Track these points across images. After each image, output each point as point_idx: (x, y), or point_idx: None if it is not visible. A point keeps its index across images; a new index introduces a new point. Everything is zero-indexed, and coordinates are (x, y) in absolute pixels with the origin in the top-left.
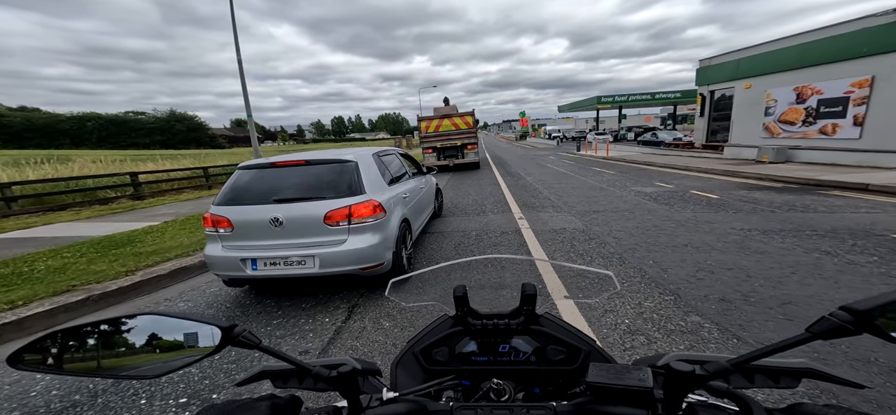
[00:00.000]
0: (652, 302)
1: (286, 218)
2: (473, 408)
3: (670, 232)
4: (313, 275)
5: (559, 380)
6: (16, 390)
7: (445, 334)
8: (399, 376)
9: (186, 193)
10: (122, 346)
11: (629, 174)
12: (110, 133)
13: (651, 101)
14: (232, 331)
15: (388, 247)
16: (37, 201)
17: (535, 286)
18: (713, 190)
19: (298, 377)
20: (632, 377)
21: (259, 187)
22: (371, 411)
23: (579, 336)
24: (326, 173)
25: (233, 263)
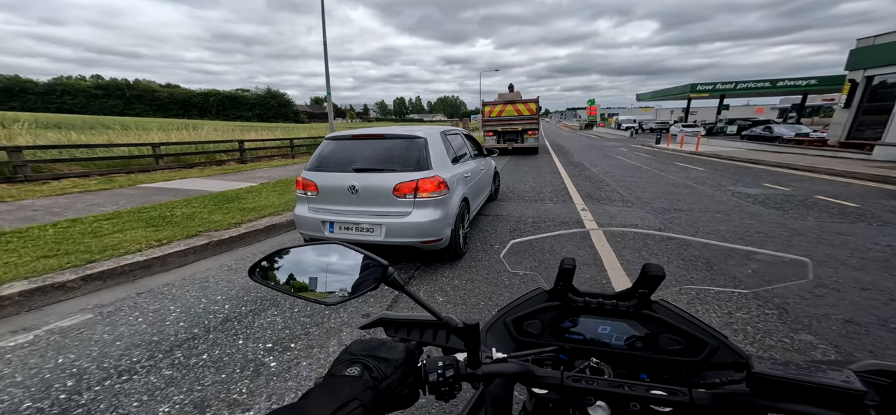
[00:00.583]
0: (746, 313)
1: (361, 186)
2: (581, 379)
3: (781, 240)
4: (379, 243)
5: (681, 370)
6: (157, 317)
7: (540, 307)
8: (489, 342)
9: (276, 160)
10: (314, 269)
11: (725, 172)
12: (225, 107)
13: (769, 90)
14: (387, 270)
15: (448, 223)
16: (175, 159)
17: (662, 268)
18: (851, 197)
19: (409, 327)
20: (830, 377)
21: (341, 157)
22: (487, 366)
23: (705, 328)
24: (398, 148)
25: (315, 224)
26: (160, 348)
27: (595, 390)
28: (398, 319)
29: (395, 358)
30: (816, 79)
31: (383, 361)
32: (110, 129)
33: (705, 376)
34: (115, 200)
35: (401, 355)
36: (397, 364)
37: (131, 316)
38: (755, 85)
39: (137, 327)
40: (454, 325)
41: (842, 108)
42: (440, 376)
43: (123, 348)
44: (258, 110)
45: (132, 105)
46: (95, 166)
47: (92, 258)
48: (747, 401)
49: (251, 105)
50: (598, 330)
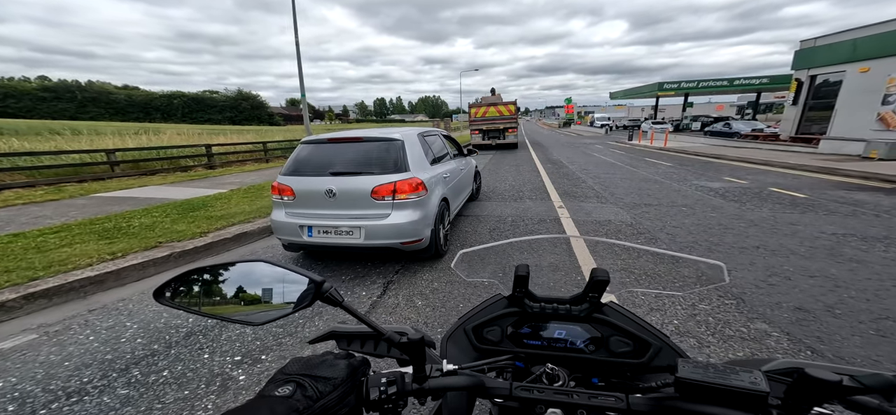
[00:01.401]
0: (708, 304)
1: (339, 190)
2: (531, 389)
3: (739, 232)
4: (359, 246)
5: (627, 373)
6: (111, 334)
7: (499, 314)
8: (449, 351)
9: (249, 164)
10: (235, 290)
11: (691, 167)
12: (192, 109)
13: (727, 88)
14: (322, 286)
15: (428, 224)
16: (134, 166)
17: (607, 272)
18: (800, 188)
19: (362, 340)
20: (739, 378)
21: (317, 160)
22: (433, 379)
23: (649, 330)
24: (375, 150)
25: (293, 228)
26: (115, 367)
27: (543, 399)
28: (350, 331)
29: (335, 376)
30: (768, 78)
31: (322, 379)
32: (59, 134)
33: (647, 379)
34: (65, 212)
35: (342, 372)
36: (337, 382)
37: (82, 335)
38: (715, 83)
39: (88, 345)
40: (396, 340)
41: (790, 105)
42: (382, 393)
43: (72, 369)
44: (229, 113)
45: (85, 108)
46: (41, 175)
47: (35, 275)
48: (676, 405)
49: (221, 107)
50: (555, 334)
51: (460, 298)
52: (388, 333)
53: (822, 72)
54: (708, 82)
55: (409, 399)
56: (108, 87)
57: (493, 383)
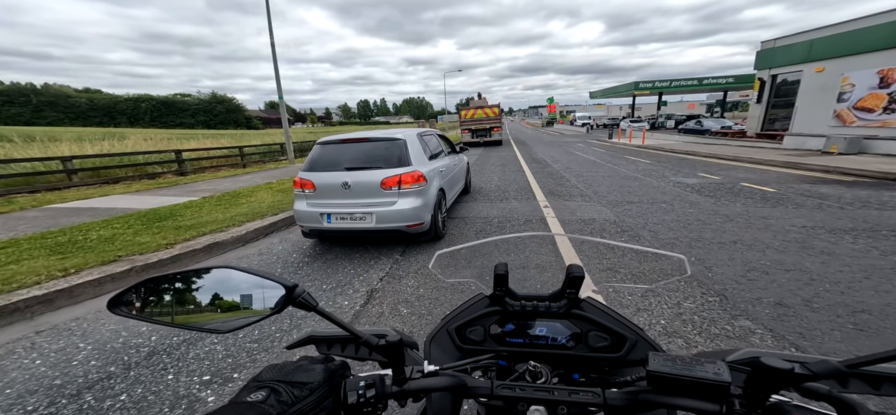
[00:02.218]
0: (693, 302)
1: (353, 182)
2: (513, 387)
3: (716, 227)
4: (371, 230)
5: (605, 367)
6: (60, 357)
7: (481, 314)
8: (433, 352)
9: (224, 170)
10: (198, 298)
11: (668, 164)
12: (161, 113)
13: (697, 87)
14: (294, 291)
15: (428, 210)
16: (95, 174)
17: (582, 268)
18: (769, 183)
19: (342, 344)
20: (705, 370)
21: (333, 158)
22: (414, 381)
23: (625, 324)
24: (382, 148)
25: (314, 216)
26: (64, 393)
27: (524, 397)
28: (329, 336)
29: (311, 380)
30: (733, 77)
31: (297, 385)
32: (8, 141)
33: (624, 373)
34: (14, 226)
35: (318, 376)
36: (314, 386)
37: (27, 358)
38: (686, 83)
39: (34, 370)
40: (374, 343)
41: (755, 103)
42: (361, 397)
43: (15, 397)
44: (202, 117)
45: (41, 113)
46: None
47: None
48: (649, 398)
49: (193, 111)
50: (537, 332)
51: (452, 288)
52: (365, 336)
53: (781, 71)
54: (680, 82)
55: (391, 403)
56: (66, 90)
57: (475, 382)
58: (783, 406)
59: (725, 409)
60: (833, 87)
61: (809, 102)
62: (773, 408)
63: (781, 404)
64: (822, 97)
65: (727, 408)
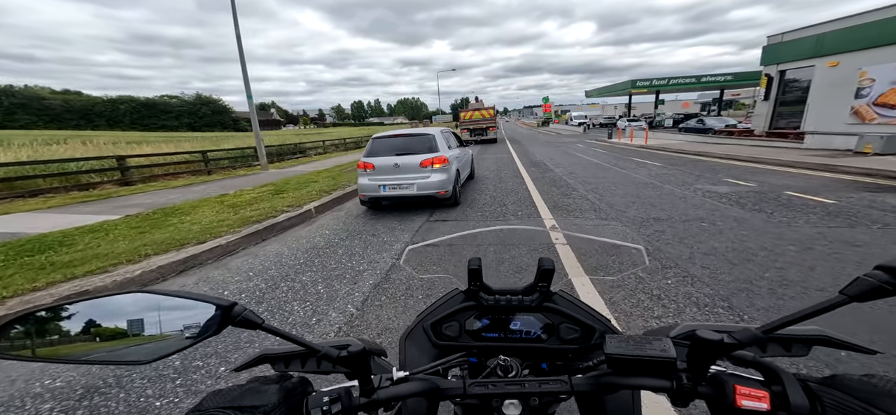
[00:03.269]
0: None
1: (400, 163)
2: (485, 384)
3: (800, 263)
4: (413, 195)
5: (569, 356)
6: None
7: (456, 310)
8: (408, 351)
9: (183, 178)
10: (107, 329)
11: (682, 167)
12: (142, 115)
13: (695, 85)
14: (232, 310)
15: (451, 182)
16: (7, 186)
17: (552, 261)
18: (817, 191)
19: (302, 359)
20: (653, 348)
21: (386, 146)
22: (383, 390)
23: (594, 315)
24: (418, 140)
25: (374, 187)
26: None
27: (497, 393)
28: (285, 352)
29: (264, 403)
30: (732, 75)
31: (247, 409)
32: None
33: (588, 358)
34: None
35: (273, 398)
36: (268, 409)
37: None
38: (684, 81)
39: None
40: (333, 355)
41: (762, 101)
42: (325, 413)
43: None
44: (187, 119)
45: (13, 116)
46: None
47: None
48: (610, 380)
49: (177, 113)
50: (511, 326)
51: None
52: (324, 349)
53: (790, 67)
54: (677, 79)
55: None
56: (41, 91)
57: (448, 383)
58: (720, 375)
59: (675, 384)
60: (848, 83)
61: (822, 99)
62: (712, 378)
63: (719, 374)
64: (837, 93)
65: (676, 382)
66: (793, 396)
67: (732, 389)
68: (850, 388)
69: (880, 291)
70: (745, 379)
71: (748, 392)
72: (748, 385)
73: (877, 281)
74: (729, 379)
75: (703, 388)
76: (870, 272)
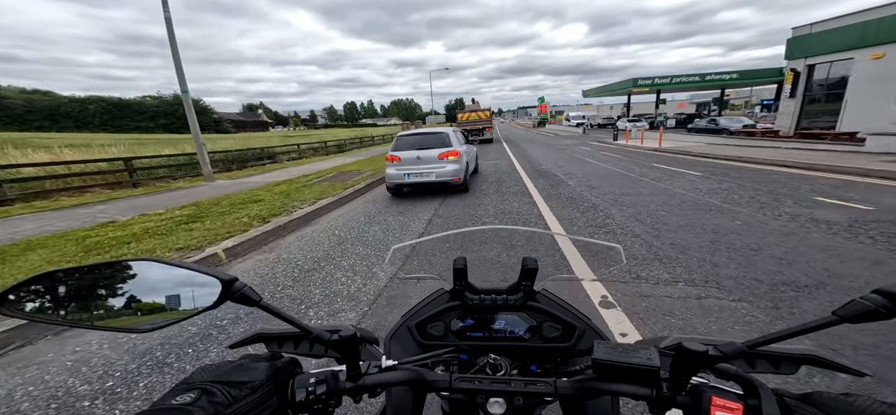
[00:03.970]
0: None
1: (421, 156)
2: (471, 380)
3: None
4: (432, 182)
5: (557, 357)
6: None
7: (441, 309)
8: (393, 349)
9: (93, 192)
10: (114, 295)
11: (734, 178)
12: (113, 116)
13: (698, 83)
14: (232, 285)
15: (462, 171)
16: None
17: (536, 260)
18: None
19: (295, 341)
20: (639, 356)
21: (409, 143)
22: (369, 376)
23: (575, 314)
24: (436, 137)
25: (400, 176)
26: None
27: (482, 389)
28: (279, 332)
29: (252, 379)
30: (737, 73)
31: (235, 385)
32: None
33: (574, 363)
34: None
35: (262, 374)
36: (256, 385)
37: None
38: (687, 79)
39: None
40: (325, 338)
41: (787, 98)
42: (310, 394)
43: None
44: (164, 119)
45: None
46: None
47: None
48: (595, 385)
49: (153, 114)
50: (496, 325)
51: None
52: (316, 331)
53: (821, 60)
54: (680, 78)
55: (350, 402)
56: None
57: (434, 376)
58: (699, 386)
59: (655, 392)
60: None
61: (862, 94)
62: (693, 389)
63: (699, 385)
64: (881, 88)
65: (657, 391)
66: (767, 409)
67: (708, 399)
68: (827, 406)
69: (875, 314)
70: (722, 391)
71: (723, 404)
72: (724, 397)
73: (873, 305)
74: (707, 390)
75: (682, 398)
76: (867, 295)
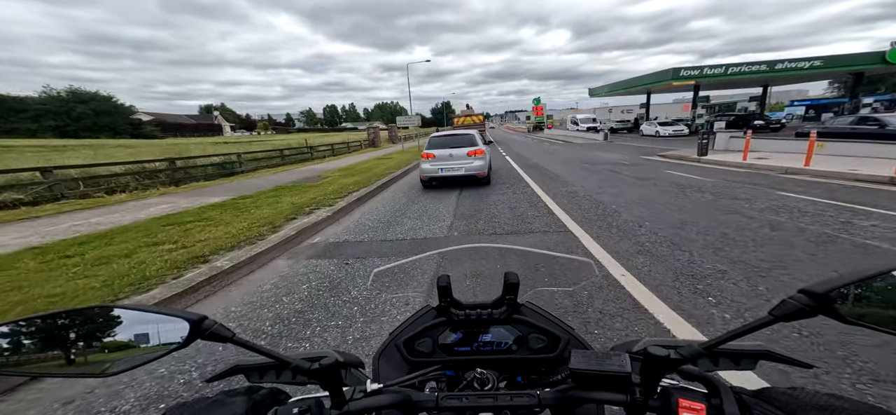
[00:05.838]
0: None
1: (452, 153)
2: (458, 397)
3: None
4: (462, 175)
5: (541, 368)
6: None
7: (428, 326)
8: (381, 369)
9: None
10: (74, 341)
11: None
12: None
13: (767, 73)
14: (201, 324)
15: (486, 167)
16: None
17: (516, 275)
18: None
19: (277, 371)
20: (612, 363)
21: (441, 142)
22: (355, 402)
23: (559, 324)
24: (464, 137)
25: (434, 171)
26: None
27: (470, 406)
28: (258, 363)
29: (231, 414)
30: (821, 59)
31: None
32: None
33: (558, 372)
34: None
35: (240, 409)
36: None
37: None
38: (750, 69)
39: None
40: (304, 367)
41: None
42: None
43: None
44: (53, 121)
45: None
46: None
47: None
48: (575, 394)
49: (37, 114)
50: (482, 339)
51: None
52: (295, 361)
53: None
54: (740, 67)
55: None
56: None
57: (421, 396)
58: (668, 389)
59: (629, 397)
60: None
61: None
62: (663, 391)
63: (667, 388)
64: None
65: (631, 397)
66: (728, 407)
67: (676, 402)
68: (777, 401)
69: (801, 312)
70: (689, 392)
71: (688, 405)
72: (690, 398)
73: (799, 303)
74: (674, 392)
75: (654, 401)
76: (794, 295)
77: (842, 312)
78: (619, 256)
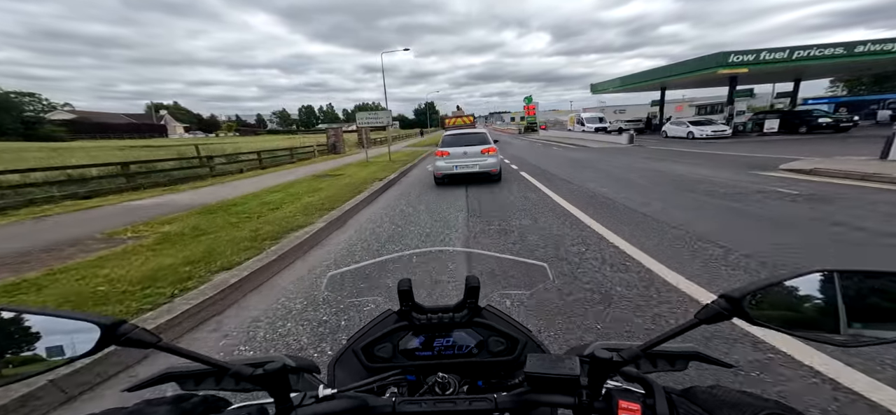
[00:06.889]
0: None
1: (466, 151)
2: (417, 402)
3: None
4: (475, 172)
5: (501, 372)
6: None
7: (389, 330)
8: (338, 375)
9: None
10: None
11: None
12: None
13: (845, 57)
14: (116, 329)
15: (498, 165)
16: None
17: (477, 279)
18: None
19: (216, 378)
20: (563, 367)
21: (455, 140)
22: (303, 409)
23: (518, 327)
24: (476, 136)
25: (449, 167)
26: None
27: (427, 411)
28: (194, 370)
29: None
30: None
31: None
32: None
33: (515, 376)
34: None
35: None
36: None
37: None
38: (819, 54)
39: None
40: (246, 373)
41: None
42: None
43: None
44: None
45: None
46: None
47: None
48: (530, 398)
49: None
50: (444, 343)
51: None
52: (234, 366)
53: None
54: (809, 50)
55: None
56: None
57: (376, 402)
58: (611, 391)
59: (577, 400)
60: None
61: None
62: (607, 393)
63: (611, 390)
64: None
65: (578, 399)
66: (660, 407)
67: (617, 403)
68: (699, 399)
69: (720, 315)
70: (628, 393)
71: (627, 406)
72: (628, 398)
73: (718, 307)
74: (616, 394)
75: (599, 403)
76: (715, 300)
77: (752, 315)
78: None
